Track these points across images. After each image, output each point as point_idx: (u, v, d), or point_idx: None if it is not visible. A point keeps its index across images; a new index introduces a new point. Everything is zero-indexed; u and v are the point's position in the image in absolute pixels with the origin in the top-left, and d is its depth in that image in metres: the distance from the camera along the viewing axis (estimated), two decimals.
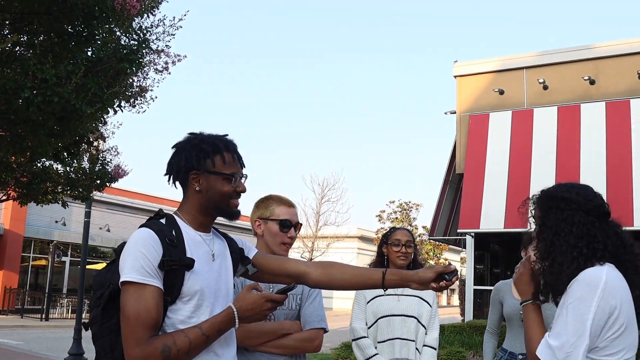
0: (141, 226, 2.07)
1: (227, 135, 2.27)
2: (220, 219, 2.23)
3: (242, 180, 2.23)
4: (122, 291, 1.94)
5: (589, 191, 2.19)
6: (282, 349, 2.81)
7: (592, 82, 15.51)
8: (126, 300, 1.92)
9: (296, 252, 25.28)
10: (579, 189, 2.18)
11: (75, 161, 9.43)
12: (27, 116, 4.65)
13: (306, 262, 2.44)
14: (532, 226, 2.26)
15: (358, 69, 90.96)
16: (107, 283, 2.02)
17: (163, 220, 2.11)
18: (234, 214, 2.23)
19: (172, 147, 2.22)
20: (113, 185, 11.89)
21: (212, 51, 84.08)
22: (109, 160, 9.94)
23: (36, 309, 23.90)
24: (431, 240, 29.01)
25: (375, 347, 3.70)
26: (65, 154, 6.60)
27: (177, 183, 2.21)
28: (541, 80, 15.86)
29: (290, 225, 2.92)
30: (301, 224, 3.02)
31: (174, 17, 5.56)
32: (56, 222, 26.13)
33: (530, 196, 2.28)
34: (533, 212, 2.21)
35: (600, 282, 1.92)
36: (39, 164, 8.33)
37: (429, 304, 3.77)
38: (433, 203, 17.94)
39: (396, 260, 3.77)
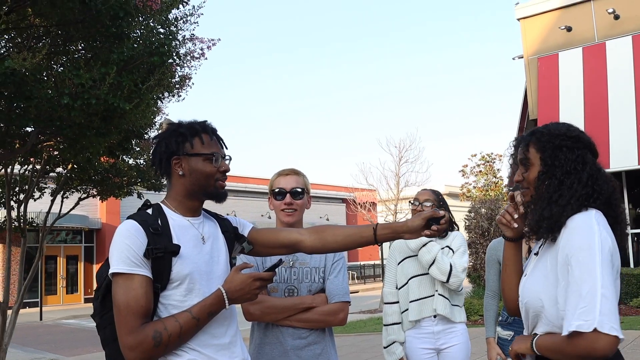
0: (128, 218, 2.15)
1: (206, 121, 2.31)
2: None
3: (226, 161, 2.26)
4: (112, 283, 2.02)
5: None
6: (306, 322, 2.82)
7: None
8: (116, 291, 1.99)
9: (380, 216, 25.29)
10: (577, 128, 2.11)
11: (144, 154, 9.90)
12: (71, 120, 4.96)
13: (299, 230, 2.43)
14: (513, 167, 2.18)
15: (418, 27, 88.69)
16: (104, 276, 2.11)
17: (150, 211, 2.17)
18: (221, 195, 2.26)
19: (153, 139, 2.32)
20: None
21: (253, 29, 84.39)
22: None
23: None
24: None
25: (407, 309, 3.78)
26: (121, 149, 6.97)
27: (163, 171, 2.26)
28: (611, 10, 14.91)
29: (284, 193, 2.95)
30: (302, 189, 2.99)
31: (193, 6, 5.73)
32: None
33: (516, 136, 2.20)
34: (524, 152, 2.10)
35: (594, 226, 1.84)
36: (107, 161, 8.82)
37: (452, 250, 3.80)
38: None
39: None
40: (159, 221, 2.13)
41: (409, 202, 3.96)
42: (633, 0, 14.85)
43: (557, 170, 1.99)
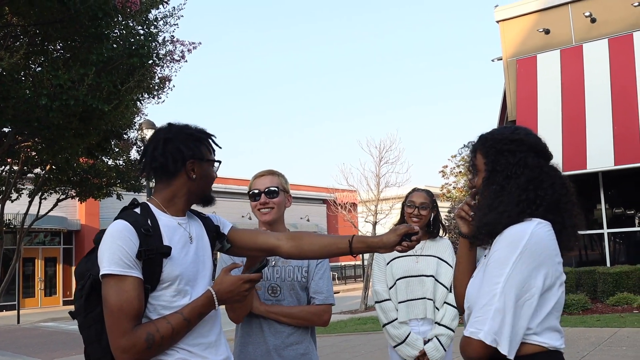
0: (117, 217, 2.10)
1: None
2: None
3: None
4: (103, 284, 1.99)
5: (533, 133, 2.07)
6: (291, 318, 2.85)
7: None
8: (107, 293, 1.97)
9: (360, 217, 25.32)
10: (525, 130, 2.07)
11: (124, 155, 9.86)
12: (49, 121, 4.93)
13: (277, 235, 2.45)
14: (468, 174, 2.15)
15: (397, 29, 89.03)
16: (87, 274, 2.07)
17: (138, 210, 2.15)
18: (213, 199, 2.32)
19: (161, 138, 2.20)
20: None
21: (232, 31, 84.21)
22: None
23: None
24: None
25: (397, 309, 3.76)
26: (99, 150, 6.93)
27: (154, 172, 2.21)
28: (588, 14, 15.12)
29: (259, 193, 3.00)
30: (276, 188, 3.01)
31: (173, 7, 5.72)
32: None
33: (466, 143, 2.22)
34: (472, 159, 2.09)
35: (523, 240, 1.83)
36: (86, 162, 8.76)
37: (449, 265, 3.76)
38: None
39: (409, 221, 3.73)
40: (149, 222, 2.12)
41: (403, 203, 3.85)
42: (609, 4, 15.06)
43: (498, 175, 1.96)
